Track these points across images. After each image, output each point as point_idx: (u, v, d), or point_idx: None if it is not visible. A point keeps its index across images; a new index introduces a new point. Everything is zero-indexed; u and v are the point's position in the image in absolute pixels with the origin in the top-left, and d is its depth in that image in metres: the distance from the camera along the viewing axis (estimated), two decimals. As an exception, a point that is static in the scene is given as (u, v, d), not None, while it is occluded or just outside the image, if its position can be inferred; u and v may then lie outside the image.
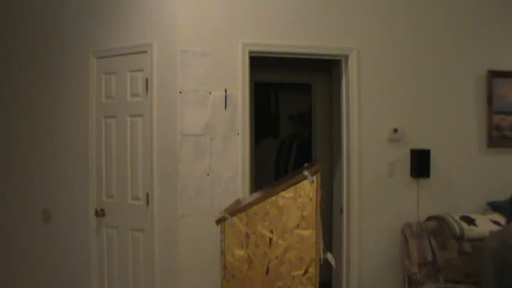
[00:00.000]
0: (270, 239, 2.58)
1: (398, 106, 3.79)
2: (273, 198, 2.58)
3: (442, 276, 3.44)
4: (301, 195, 2.57)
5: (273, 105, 6.51)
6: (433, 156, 3.76)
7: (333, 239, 4.19)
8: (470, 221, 3.57)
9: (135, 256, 3.52)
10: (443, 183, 3.85)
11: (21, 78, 3.94)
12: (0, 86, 4.01)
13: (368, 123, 3.72)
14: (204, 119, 3.40)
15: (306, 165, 3.10)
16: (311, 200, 2.56)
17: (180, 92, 3.36)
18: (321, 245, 2.72)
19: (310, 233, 2.55)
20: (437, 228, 3.60)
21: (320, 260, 2.63)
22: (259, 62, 3.82)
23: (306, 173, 2.56)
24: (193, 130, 3.39)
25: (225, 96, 3.44)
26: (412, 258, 3.49)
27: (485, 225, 3.54)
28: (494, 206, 3.82)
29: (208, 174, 3.41)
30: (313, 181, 2.56)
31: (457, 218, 3.60)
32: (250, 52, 3.49)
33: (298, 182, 2.57)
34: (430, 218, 3.73)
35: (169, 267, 3.39)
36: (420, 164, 3.72)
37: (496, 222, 3.59)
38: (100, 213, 3.63)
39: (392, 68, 3.78)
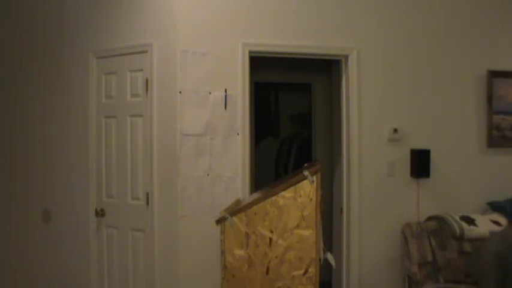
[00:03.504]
0: (270, 239, 2.58)
1: (398, 106, 3.79)
2: (273, 198, 2.58)
3: (442, 276, 3.44)
4: (301, 195, 2.57)
5: (273, 105, 6.51)
6: (433, 156, 3.76)
7: (333, 239, 4.19)
8: (470, 221, 3.57)
9: (135, 256, 3.52)
10: (443, 183, 3.85)
11: (21, 78, 3.94)
12: (0, 86, 4.01)
13: (368, 123, 3.72)
14: (204, 119, 3.40)
15: (306, 165, 3.10)
16: (311, 200, 2.56)
17: (180, 92, 3.36)
18: (321, 245, 2.72)
19: (310, 233, 2.55)
20: (437, 228, 3.60)
21: (320, 260, 2.63)
22: (259, 62, 3.82)
23: (306, 173, 2.56)
24: (193, 130, 3.39)
25: (225, 96, 3.44)
26: (412, 258, 3.49)
27: (485, 225, 3.54)
28: (494, 206, 3.82)
29: (208, 174, 3.41)
30: (313, 181, 2.56)
31: (457, 218, 3.60)
32: (250, 52, 3.49)
33: (298, 182, 2.57)
34: (430, 218, 3.73)
35: (169, 267, 3.39)
36: (420, 164, 3.72)
37: (496, 222, 3.59)
38: (100, 213, 3.63)
39: (392, 68, 3.78)
